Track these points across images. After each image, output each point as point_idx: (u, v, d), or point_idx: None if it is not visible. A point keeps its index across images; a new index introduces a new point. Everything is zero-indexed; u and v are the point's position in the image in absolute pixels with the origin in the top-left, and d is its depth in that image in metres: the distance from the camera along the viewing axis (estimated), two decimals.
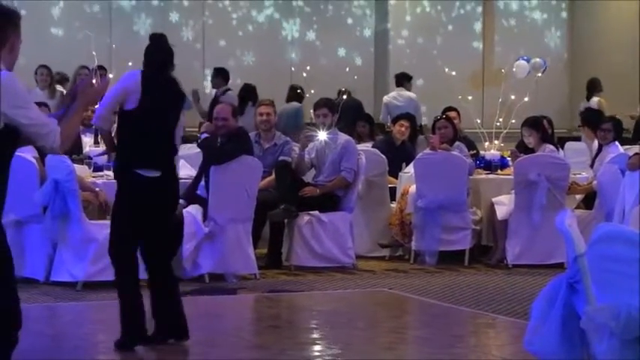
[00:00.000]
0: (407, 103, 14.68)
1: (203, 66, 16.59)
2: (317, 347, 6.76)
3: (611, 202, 8.63)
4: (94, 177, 9.12)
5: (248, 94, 14.14)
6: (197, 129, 12.38)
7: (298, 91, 15.04)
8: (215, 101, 13.15)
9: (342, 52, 17.45)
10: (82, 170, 8.99)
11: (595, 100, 15.19)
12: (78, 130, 4.89)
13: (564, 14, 18.66)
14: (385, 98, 15.23)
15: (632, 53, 17.02)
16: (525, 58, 16.99)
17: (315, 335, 7.23)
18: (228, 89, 14.48)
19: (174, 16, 16.53)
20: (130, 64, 10.54)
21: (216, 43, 16.84)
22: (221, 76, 14.64)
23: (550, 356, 3.45)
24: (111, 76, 10.82)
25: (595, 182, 9.75)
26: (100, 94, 5.16)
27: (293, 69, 16.93)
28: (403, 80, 15.27)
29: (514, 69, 16.34)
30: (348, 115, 13.77)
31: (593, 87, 15.55)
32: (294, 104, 14.75)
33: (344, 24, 17.70)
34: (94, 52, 10.12)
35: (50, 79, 12.75)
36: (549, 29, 18.61)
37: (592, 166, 10.40)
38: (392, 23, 17.74)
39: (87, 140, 10.04)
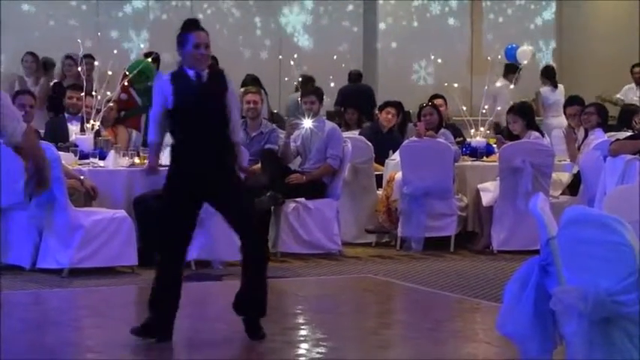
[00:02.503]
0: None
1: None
2: (302, 332, 6.82)
3: (593, 188, 8.68)
4: (80, 165, 9.16)
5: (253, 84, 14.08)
6: None
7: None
8: None
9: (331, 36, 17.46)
10: (67, 158, 9.03)
11: (561, 87, 15.25)
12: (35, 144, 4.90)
13: (553, 3, 18.68)
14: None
15: (619, 42, 17.06)
16: (514, 45, 17.00)
17: (300, 320, 7.29)
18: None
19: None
20: (115, 52, 10.57)
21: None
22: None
23: (522, 338, 3.50)
24: (97, 63, 10.85)
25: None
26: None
27: (281, 57, 16.91)
28: (507, 71, 15.39)
29: (518, 55, 16.30)
30: (363, 100, 13.86)
31: (553, 74, 15.56)
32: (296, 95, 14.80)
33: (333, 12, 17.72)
34: (79, 40, 10.14)
35: (36, 65, 12.76)
36: (537, 17, 18.63)
37: (578, 150, 10.44)
38: (380, 15, 17.73)
39: (73, 128, 10.06)
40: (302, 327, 6.99)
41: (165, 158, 9.58)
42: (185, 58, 6.22)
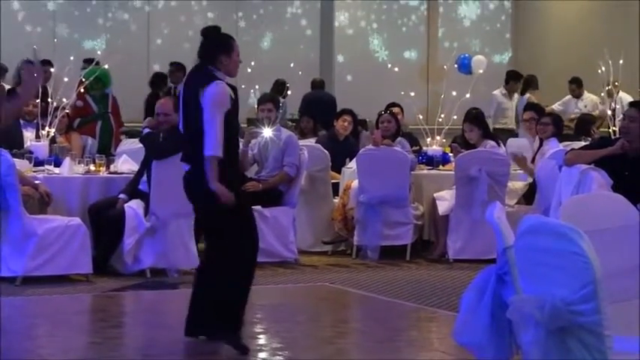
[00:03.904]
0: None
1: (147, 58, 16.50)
2: (259, 341, 6.79)
3: (549, 197, 8.72)
4: (34, 172, 9.08)
5: (158, 80, 14.44)
6: (140, 124, 12.34)
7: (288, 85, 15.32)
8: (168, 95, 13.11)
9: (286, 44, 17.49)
10: (22, 165, 8.95)
11: (526, 97, 15.45)
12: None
13: (509, 13, 18.82)
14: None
15: (573, 52, 17.21)
16: (467, 55, 17.11)
17: (256, 329, 7.25)
18: None
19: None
20: (72, 58, 10.49)
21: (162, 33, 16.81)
22: (182, 72, 14.50)
23: (479, 347, 3.50)
24: (52, 70, 10.76)
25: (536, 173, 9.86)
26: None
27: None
28: (509, 79, 15.73)
29: (473, 65, 16.45)
30: (325, 109, 13.92)
31: (529, 84, 15.81)
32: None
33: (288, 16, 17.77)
34: (35, 47, 10.06)
35: None
36: (494, 27, 18.76)
37: (533, 161, 10.51)
38: (337, 20, 17.80)
39: (28, 135, 9.98)
40: (258, 336, 6.97)
41: (121, 164, 9.59)
42: (228, 64, 6.27)
